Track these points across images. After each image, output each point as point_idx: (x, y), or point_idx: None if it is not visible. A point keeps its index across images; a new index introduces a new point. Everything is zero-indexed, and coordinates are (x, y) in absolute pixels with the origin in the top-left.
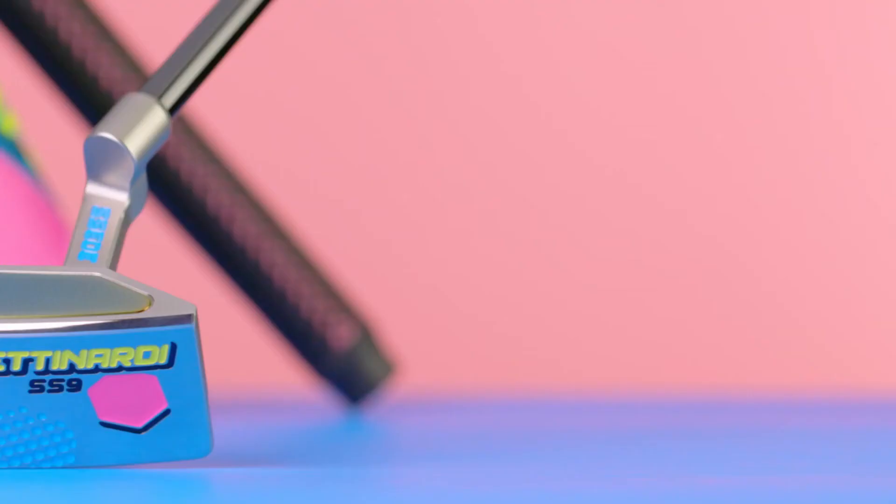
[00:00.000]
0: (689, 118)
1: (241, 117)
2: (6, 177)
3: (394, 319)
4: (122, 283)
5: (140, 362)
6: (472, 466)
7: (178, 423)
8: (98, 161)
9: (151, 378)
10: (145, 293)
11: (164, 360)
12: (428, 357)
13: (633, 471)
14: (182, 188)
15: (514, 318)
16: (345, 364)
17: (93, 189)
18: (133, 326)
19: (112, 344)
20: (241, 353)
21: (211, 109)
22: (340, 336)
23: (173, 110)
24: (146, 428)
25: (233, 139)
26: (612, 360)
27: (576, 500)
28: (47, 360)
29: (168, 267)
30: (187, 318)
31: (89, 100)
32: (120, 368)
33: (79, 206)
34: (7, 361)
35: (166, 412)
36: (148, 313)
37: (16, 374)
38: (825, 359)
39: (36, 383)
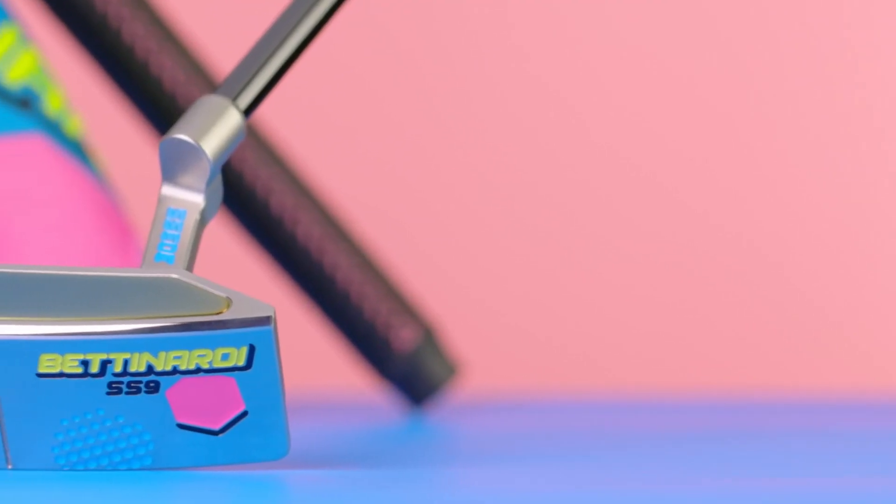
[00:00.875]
0: (719, 116)
1: (304, 120)
2: (72, 178)
3: (456, 322)
4: (200, 285)
5: (218, 364)
6: (534, 468)
7: (255, 425)
8: (174, 163)
9: (229, 380)
10: (223, 295)
11: (242, 362)
12: (490, 359)
13: (694, 473)
14: (246, 191)
15: (577, 320)
16: (408, 366)
17: (168, 191)
18: (212, 328)
19: (190, 346)
20: (305, 355)
21: (273, 112)
22: (404, 338)
23: (248, 112)
24: (223, 430)
25: (296, 142)
26: (670, 364)
27: (635, 501)
28: (125, 362)
29: (231, 269)
30: (266, 320)
31: (152, 101)
32: (198, 370)
33: (143, 208)
34: (85, 363)
35: (243, 414)
36: (226, 315)
37: (94, 376)
38: (861, 359)
39: (114, 385)
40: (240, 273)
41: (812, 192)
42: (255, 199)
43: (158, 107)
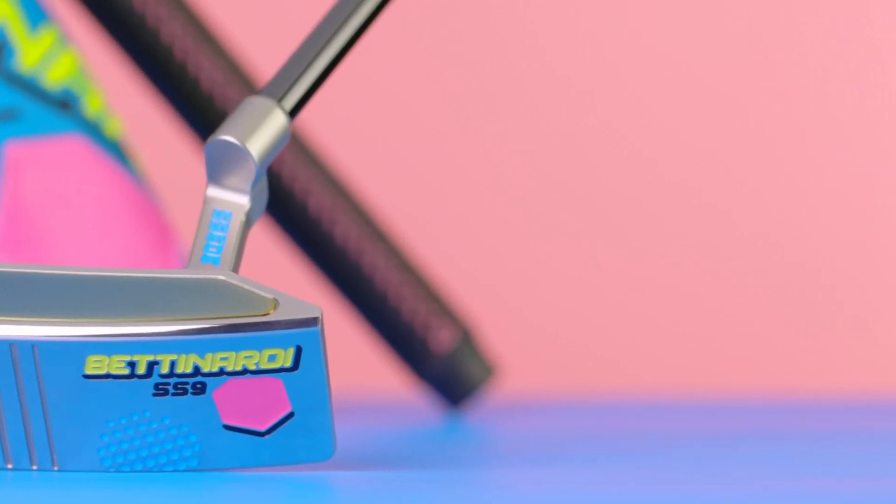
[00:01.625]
0: (749, 117)
1: (341, 120)
2: (112, 179)
3: (493, 323)
4: (247, 287)
5: (265, 365)
6: (571, 469)
7: (301, 427)
8: (219, 164)
9: (276, 381)
10: (270, 296)
11: (289, 364)
12: (527, 360)
13: (728, 475)
14: (284, 192)
15: (614, 319)
16: (445, 367)
17: (213, 192)
18: (259, 330)
19: (237, 347)
20: (342, 356)
21: (311, 113)
22: (441, 339)
23: (293, 113)
24: (269, 431)
25: (334, 143)
26: (706, 365)
27: (676, 503)
28: (172, 364)
29: (269, 270)
30: (313, 322)
31: (190, 102)
32: (245, 372)
33: (181, 209)
34: (132, 365)
35: (290, 415)
36: (273, 316)
37: (140, 377)
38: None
39: (160, 387)
40: (277, 274)
41: (839, 191)
42: (293, 199)
43: (196, 107)
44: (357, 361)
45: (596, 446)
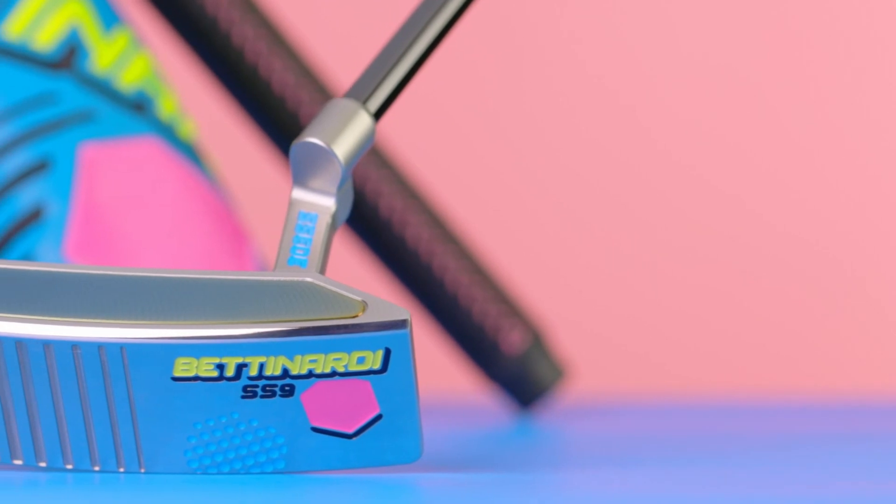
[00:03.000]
0: (792, 120)
1: (411, 121)
2: (186, 181)
3: (564, 324)
4: (336, 289)
5: (354, 367)
6: (643, 471)
7: (389, 429)
8: (305, 166)
9: (364, 383)
10: (359, 298)
11: (377, 366)
12: (598, 362)
13: (799, 477)
14: (354, 194)
15: (685, 323)
16: (516, 369)
17: (299, 194)
18: (348, 332)
19: (327, 349)
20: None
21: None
22: (512, 341)
23: (378, 115)
24: (357, 433)
25: (403, 144)
26: (778, 366)
27: None
28: (261, 366)
29: (339, 272)
30: (402, 324)
31: (262, 105)
32: (333, 374)
33: (255, 211)
34: (221, 367)
35: (378, 417)
36: (363, 319)
37: (229, 379)
38: None
39: (249, 389)
40: (347, 276)
41: (878, 190)
42: (364, 201)
43: (267, 110)
44: (427, 363)
45: (666, 448)
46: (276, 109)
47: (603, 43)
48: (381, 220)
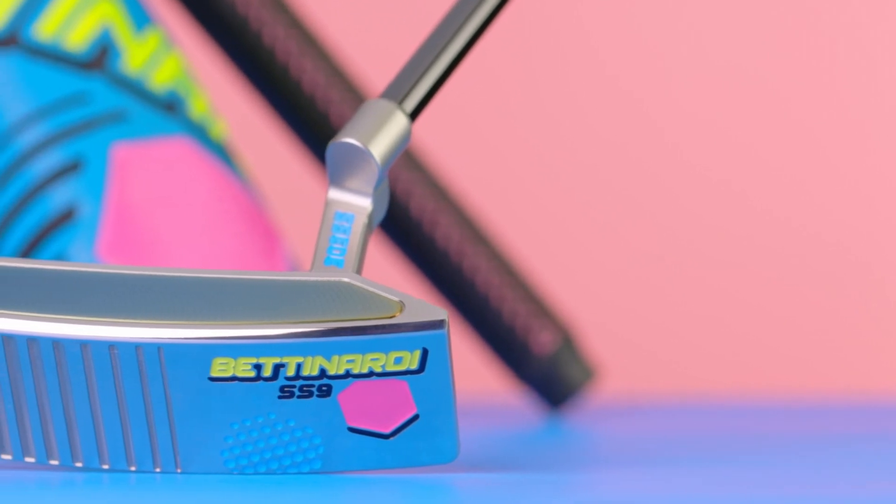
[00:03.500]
0: (813, 122)
1: (441, 122)
2: (218, 181)
3: (594, 325)
4: (373, 289)
5: (391, 368)
6: (672, 471)
7: (425, 429)
8: (341, 167)
9: (401, 383)
10: (396, 299)
11: (415, 366)
12: (628, 362)
13: (829, 478)
14: None
15: (715, 323)
16: (546, 369)
17: (335, 194)
18: (386, 332)
19: (364, 349)
20: None
21: None
22: (542, 342)
23: (414, 115)
24: (394, 433)
25: (433, 145)
26: (809, 365)
27: None
28: (298, 366)
29: (369, 272)
30: (440, 324)
31: (292, 104)
32: (371, 374)
33: (285, 211)
34: (258, 367)
35: (415, 417)
36: (400, 319)
37: (266, 379)
38: None
39: (286, 389)
40: (377, 276)
41: None
42: (395, 202)
43: (298, 109)
44: (457, 363)
45: (696, 449)
46: (307, 109)
47: (640, 50)
48: (411, 220)
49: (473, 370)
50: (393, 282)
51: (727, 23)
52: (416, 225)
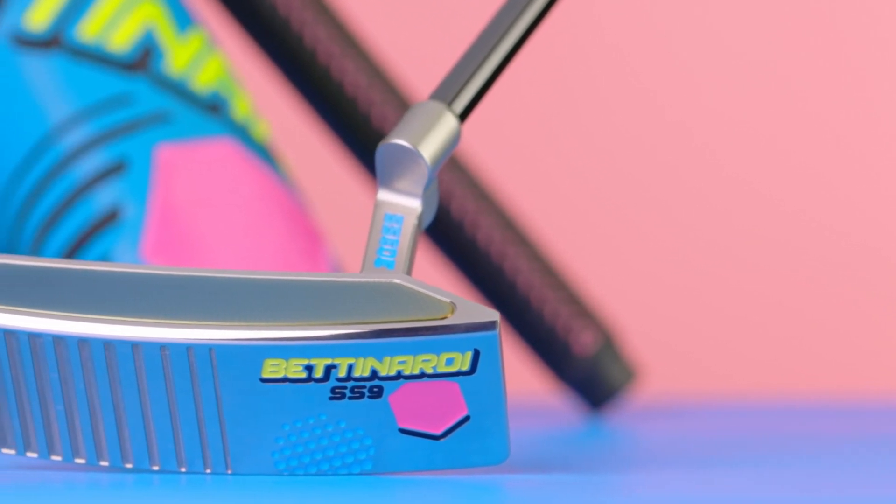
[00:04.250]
0: (850, 125)
1: (483, 124)
2: (262, 182)
3: (635, 325)
4: (424, 290)
5: (442, 369)
6: (714, 473)
7: (476, 430)
8: (391, 168)
9: (453, 385)
10: (447, 300)
11: (466, 367)
12: (669, 363)
13: (865, 477)
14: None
15: (756, 322)
16: (587, 370)
17: (385, 196)
18: (438, 333)
19: (416, 350)
20: None
21: None
22: (583, 342)
23: (463, 116)
24: (445, 434)
25: (476, 146)
26: (854, 366)
27: None
28: (350, 367)
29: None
30: (492, 325)
31: (334, 106)
32: (422, 375)
33: (328, 212)
34: (309, 368)
35: (465, 419)
36: (452, 320)
37: (317, 381)
38: None
39: (337, 390)
40: (418, 277)
41: None
42: None
43: (339, 111)
44: None
45: (738, 450)
46: (348, 110)
47: (686, 60)
48: (453, 222)
49: (514, 371)
50: (433, 283)
51: (761, 25)
52: (458, 226)
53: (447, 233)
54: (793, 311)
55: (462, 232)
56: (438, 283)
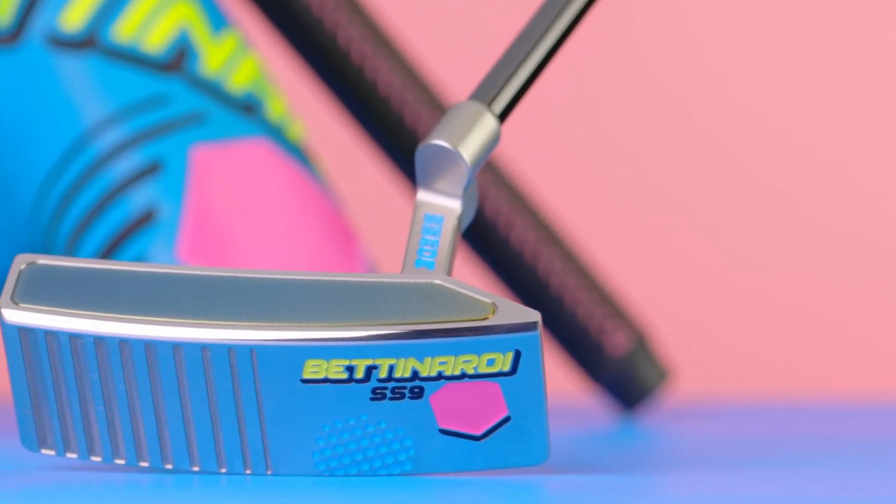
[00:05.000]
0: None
1: (518, 125)
2: (297, 183)
3: (668, 326)
4: (465, 291)
5: (483, 370)
6: (747, 473)
7: (516, 431)
8: (430, 169)
9: (493, 385)
10: (489, 301)
11: (507, 368)
12: (702, 363)
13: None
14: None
15: (787, 322)
16: (620, 370)
17: (424, 196)
18: (479, 334)
19: (457, 351)
20: None
21: None
22: (616, 343)
23: (503, 117)
24: (485, 435)
25: (510, 147)
26: (885, 367)
27: None
28: (391, 368)
29: None
30: (533, 326)
31: (368, 106)
32: (463, 376)
33: (362, 212)
34: (350, 369)
35: (506, 419)
36: (493, 321)
37: (358, 381)
38: None
39: (378, 391)
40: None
41: None
42: None
43: (373, 111)
44: None
45: (771, 450)
46: (382, 110)
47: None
48: (486, 222)
49: (547, 371)
50: (467, 283)
51: (781, 27)
52: (491, 226)
53: (480, 233)
54: (827, 316)
55: (495, 232)
56: (472, 283)
